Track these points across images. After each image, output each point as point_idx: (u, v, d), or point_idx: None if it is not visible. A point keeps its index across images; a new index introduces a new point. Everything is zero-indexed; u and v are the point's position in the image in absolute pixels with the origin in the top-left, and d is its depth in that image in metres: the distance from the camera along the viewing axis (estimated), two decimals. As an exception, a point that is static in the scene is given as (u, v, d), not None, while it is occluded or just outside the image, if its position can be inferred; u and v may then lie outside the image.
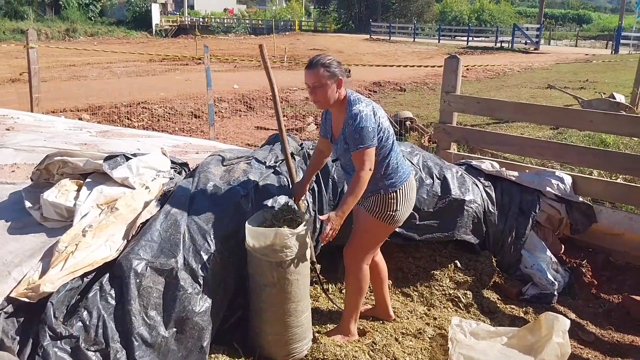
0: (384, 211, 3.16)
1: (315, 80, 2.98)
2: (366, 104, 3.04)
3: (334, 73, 2.98)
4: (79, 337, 2.46)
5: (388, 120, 3.16)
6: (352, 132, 2.96)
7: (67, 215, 2.95)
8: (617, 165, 4.60)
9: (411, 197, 3.26)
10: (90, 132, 5.14)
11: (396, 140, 3.20)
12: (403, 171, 3.19)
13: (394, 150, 3.14)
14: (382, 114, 3.10)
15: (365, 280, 3.34)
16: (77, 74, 18.23)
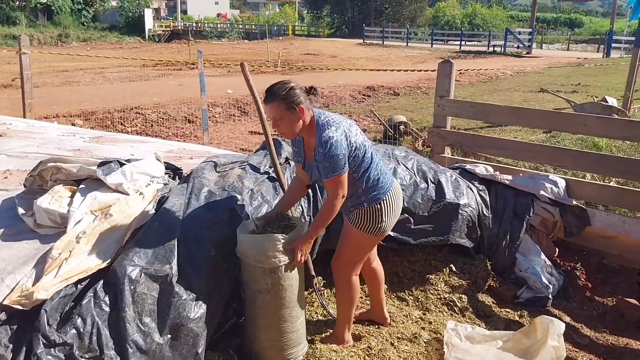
0: (370, 224, 3.06)
1: (276, 114, 2.82)
2: (336, 127, 2.85)
3: (293, 102, 2.80)
4: (73, 344, 2.44)
5: (363, 135, 3.02)
6: (322, 160, 2.81)
7: (60, 222, 2.94)
8: (612, 168, 4.62)
9: (397, 205, 3.14)
10: (84, 137, 5.13)
11: (375, 152, 3.07)
12: (385, 181, 3.06)
13: (374, 163, 3.02)
14: (355, 131, 2.94)
15: (356, 290, 3.28)
16: (70, 79, 18.18)
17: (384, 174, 3.08)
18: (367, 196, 3.02)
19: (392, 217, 3.13)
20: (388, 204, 3.07)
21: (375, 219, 3.05)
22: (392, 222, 3.16)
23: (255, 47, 37.08)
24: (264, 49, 30.79)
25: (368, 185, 3.00)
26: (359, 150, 2.92)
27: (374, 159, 3.02)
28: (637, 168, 4.43)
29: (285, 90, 2.81)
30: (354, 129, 2.97)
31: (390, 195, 3.08)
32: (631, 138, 5.04)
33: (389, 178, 3.12)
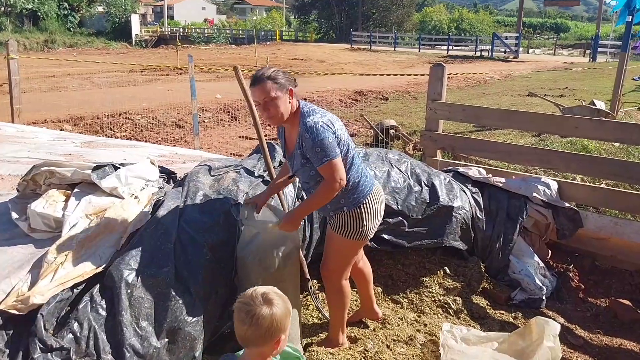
0: (351, 229, 2.98)
1: (265, 95, 2.71)
2: (321, 114, 2.81)
3: (283, 84, 2.74)
4: (69, 349, 2.42)
5: (347, 133, 2.95)
6: (311, 147, 2.72)
7: (55, 226, 2.92)
8: (603, 170, 4.66)
9: (379, 208, 3.07)
10: (75, 142, 5.09)
11: (356, 154, 2.99)
12: (365, 184, 2.97)
13: (355, 165, 2.93)
14: (340, 126, 2.86)
15: (346, 295, 3.24)
16: (58, 84, 18.04)
17: (364, 176, 3.00)
18: (347, 199, 2.93)
19: (374, 220, 3.05)
20: (369, 207, 2.98)
21: (357, 224, 2.97)
22: (375, 225, 3.08)
23: (242, 52, 37.06)
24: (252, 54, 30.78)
25: (348, 187, 2.89)
26: (342, 146, 2.82)
27: (354, 161, 2.94)
28: (627, 170, 4.47)
29: (274, 72, 2.76)
30: (339, 124, 2.89)
31: (371, 198, 2.99)
32: (623, 140, 5.09)
33: (370, 181, 3.03)
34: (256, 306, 1.90)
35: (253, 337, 1.90)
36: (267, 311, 1.89)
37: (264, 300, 1.92)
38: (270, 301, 1.93)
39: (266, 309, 1.90)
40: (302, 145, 2.79)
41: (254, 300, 1.92)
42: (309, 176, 2.89)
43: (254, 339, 1.91)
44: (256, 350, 1.96)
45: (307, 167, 2.84)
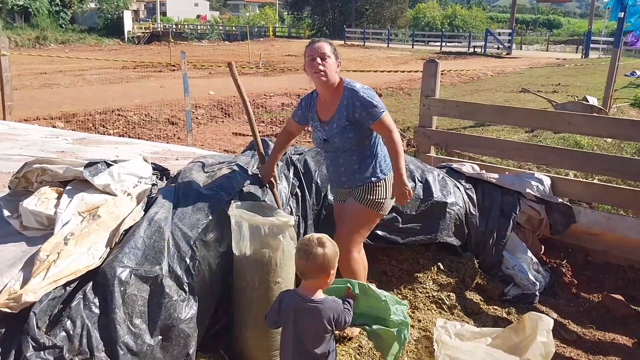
0: (373, 199, 3.20)
1: (326, 51, 3.16)
2: (360, 84, 3.22)
3: (337, 54, 3.22)
4: (62, 347, 2.40)
5: None
6: (364, 106, 3.11)
7: (47, 224, 2.89)
8: (596, 166, 4.68)
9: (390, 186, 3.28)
10: (67, 139, 5.06)
11: None
12: (389, 161, 3.22)
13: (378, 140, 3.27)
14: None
15: (359, 264, 3.35)
16: (49, 81, 17.95)
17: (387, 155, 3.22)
18: (375, 169, 3.21)
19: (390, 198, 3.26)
20: (390, 183, 3.21)
21: (378, 194, 3.19)
22: (390, 203, 3.30)
23: (236, 49, 36.97)
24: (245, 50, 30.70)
25: (378, 153, 3.21)
26: None
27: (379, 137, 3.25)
28: (620, 165, 4.49)
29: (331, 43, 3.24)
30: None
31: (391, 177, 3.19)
32: (616, 136, 5.10)
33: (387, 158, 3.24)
34: (312, 247, 2.42)
35: (310, 271, 2.44)
36: (320, 251, 2.40)
37: (319, 243, 2.43)
38: (324, 244, 2.43)
39: (320, 249, 2.41)
40: (348, 109, 3.16)
41: (311, 243, 2.44)
42: (347, 139, 3.19)
43: (310, 272, 2.44)
44: (312, 282, 2.47)
45: (348, 130, 3.18)
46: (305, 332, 2.44)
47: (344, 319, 2.49)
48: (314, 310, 2.43)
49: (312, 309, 2.43)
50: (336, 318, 2.45)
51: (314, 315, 2.43)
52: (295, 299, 2.48)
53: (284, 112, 13.09)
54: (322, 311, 2.43)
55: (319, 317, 2.42)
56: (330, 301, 2.48)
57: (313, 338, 2.44)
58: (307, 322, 2.44)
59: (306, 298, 2.46)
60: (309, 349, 2.44)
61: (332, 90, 3.24)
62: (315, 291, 2.47)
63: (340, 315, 2.48)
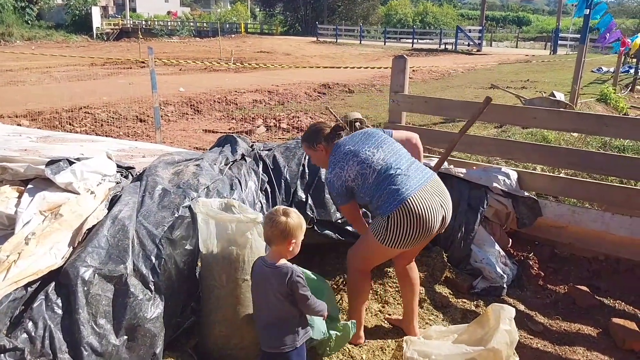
0: (378, 231, 3.11)
1: (306, 153, 3.57)
2: (332, 168, 3.24)
3: (311, 145, 3.37)
4: (24, 349, 2.36)
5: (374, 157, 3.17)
6: None
7: (7, 223, 2.83)
8: (562, 160, 4.74)
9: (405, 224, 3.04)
10: (31, 137, 4.95)
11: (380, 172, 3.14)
12: (394, 198, 3.05)
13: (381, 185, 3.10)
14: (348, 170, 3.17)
15: (360, 285, 3.38)
16: (15, 79, 17.55)
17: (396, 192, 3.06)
18: (378, 210, 3.14)
19: (401, 234, 3.07)
20: (395, 220, 3.04)
21: (381, 229, 3.11)
22: (402, 239, 3.08)
23: (207, 45, 36.66)
24: (216, 47, 30.46)
25: (378, 203, 3.13)
26: (354, 182, 3.18)
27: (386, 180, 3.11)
28: (586, 159, 4.56)
29: (307, 133, 3.46)
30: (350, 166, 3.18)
31: (399, 213, 3.03)
32: (581, 130, 5.18)
33: (397, 196, 3.05)
34: (277, 215, 2.64)
35: (272, 237, 2.64)
36: (283, 219, 2.62)
37: (283, 212, 2.66)
38: (288, 214, 2.66)
39: (283, 217, 2.62)
40: None
41: (277, 212, 2.67)
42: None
43: (272, 238, 2.64)
44: (275, 248, 2.67)
45: None
46: (269, 296, 2.66)
47: (300, 287, 2.62)
48: (272, 273, 2.64)
49: (270, 272, 2.65)
50: (292, 282, 2.60)
51: (272, 278, 2.64)
52: (261, 264, 2.71)
53: (255, 109, 13.03)
54: (279, 274, 2.62)
55: (276, 279, 2.62)
56: (287, 266, 2.65)
57: (276, 301, 2.64)
58: (267, 284, 2.66)
59: (267, 262, 2.68)
60: (275, 311, 2.66)
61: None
62: (278, 258, 2.67)
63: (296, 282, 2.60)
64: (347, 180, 3.18)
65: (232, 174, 3.67)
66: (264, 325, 2.73)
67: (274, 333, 2.68)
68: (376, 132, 3.38)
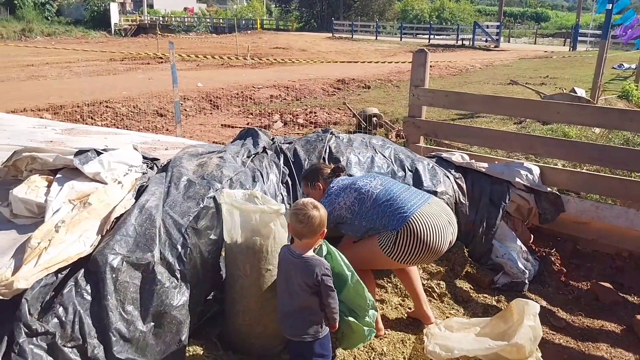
0: (387, 244, 3.15)
1: (305, 192, 3.56)
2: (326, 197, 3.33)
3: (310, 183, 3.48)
4: (55, 333, 2.40)
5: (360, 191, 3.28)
6: None
7: (37, 212, 2.88)
8: (584, 156, 4.70)
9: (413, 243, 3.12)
10: (55, 129, 5.03)
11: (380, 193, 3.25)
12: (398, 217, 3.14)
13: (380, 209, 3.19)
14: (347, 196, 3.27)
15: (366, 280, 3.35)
16: (36, 73, 17.78)
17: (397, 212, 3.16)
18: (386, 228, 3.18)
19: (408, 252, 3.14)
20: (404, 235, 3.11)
21: (390, 243, 3.15)
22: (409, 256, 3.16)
23: (223, 41, 36.79)
24: (233, 43, 30.56)
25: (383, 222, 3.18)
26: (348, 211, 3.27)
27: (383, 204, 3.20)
28: (608, 155, 4.52)
29: (306, 173, 3.59)
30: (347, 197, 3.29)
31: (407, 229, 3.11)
32: (604, 125, 5.13)
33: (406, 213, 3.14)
34: (309, 209, 2.62)
35: (306, 232, 2.64)
36: (316, 213, 2.62)
37: (313, 206, 2.65)
38: (317, 207, 2.65)
39: (316, 211, 2.62)
40: None
41: (307, 206, 2.65)
42: None
43: (306, 233, 2.64)
44: (306, 241, 2.67)
45: None
46: (294, 285, 2.67)
47: (327, 280, 2.64)
48: (301, 265, 2.65)
49: (299, 263, 2.66)
50: (321, 274, 2.62)
51: (300, 270, 2.65)
52: (287, 254, 2.72)
53: (272, 104, 13.08)
54: (309, 266, 2.63)
55: (305, 272, 2.63)
56: (317, 259, 2.67)
57: (300, 291, 2.65)
58: (296, 275, 2.66)
59: (295, 253, 2.69)
60: (297, 300, 2.67)
61: None
62: (306, 249, 2.69)
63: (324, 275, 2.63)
64: (340, 208, 3.27)
65: (254, 166, 3.69)
66: (287, 312, 2.75)
67: (297, 322, 2.70)
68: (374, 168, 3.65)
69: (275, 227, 2.95)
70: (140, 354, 2.61)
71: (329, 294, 2.66)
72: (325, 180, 3.46)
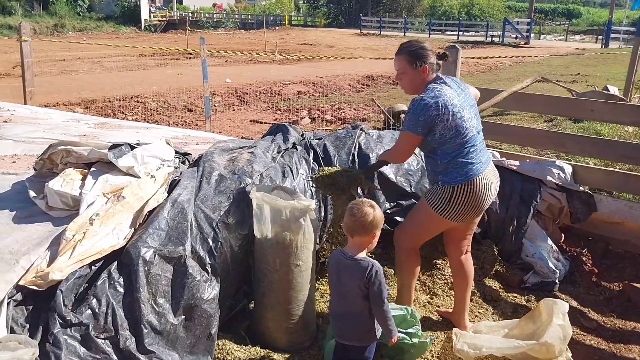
0: (436, 201, 3.08)
1: (400, 67, 3.11)
2: (435, 95, 2.94)
3: (418, 59, 3.04)
4: (88, 324, 2.46)
5: (471, 123, 3.03)
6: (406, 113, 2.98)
7: (72, 204, 2.93)
8: (617, 154, 4.62)
9: (471, 198, 3.04)
10: (89, 124, 5.11)
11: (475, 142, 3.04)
12: (465, 171, 3.01)
13: (461, 151, 3.00)
14: (457, 112, 2.95)
15: (409, 262, 3.35)
16: (68, 68, 18.10)
17: (468, 165, 3.02)
18: (441, 176, 3.06)
19: (461, 208, 3.07)
20: (460, 192, 3.02)
21: (443, 199, 3.06)
22: (460, 213, 3.09)
23: (252, 37, 36.96)
24: (261, 39, 30.70)
25: (448, 168, 3.02)
26: (447, 130, 2.95)
27: (464, 148, 3.00)
28: (642, 153, 4.44)
29: (414, 48, 3.07)
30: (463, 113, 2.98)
31: (466, 187, 3.01)
32: (638, 123, 5.03)
33: (470, 171, 3.02)
34: (364, 206, 2.61)
35: (357, 227, 2.60)
36: (370, 210, 2.59)
37: (370, 204, 2.63)
38: (374, 206, 2.63)
39: (370, 209, 2.60)
40: None
41: (363, 203, 2.64)
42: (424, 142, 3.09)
43: (357, 228, 2.60)
44: (357, 240, 2.62)
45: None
46: (344, 286, 2.63)
47: (379, 284, 2.56)
48: (352, 266, 2.60)
49: (350, 264, 2.61)
50: (371, 277, 2.55)
51: (352, 271, 2.60)
52: (339, 255, 2.68)
53: (299, 100, 13.10)
54: (359, 268, 2.58)
55: (355, 273, 2.58)
56: (369, 260, 2.61)
57: (350, 293, 2.60)
58: (346, 276, 2.63)
59: (347, 254, 2.64)
60: (348, 303, 2.63)
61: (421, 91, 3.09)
62: (358, 250, 2.64)
63: (375, 278, 2.55)
64: (441, 120, 2.92)
65: (284, 161, 3.70)
66: (337, 315, 2.72)
67: (347, 325, 2.66)
68: (468, 91, 3.20)
69: (305, 223, 2.96)
70: (170, 347, 2.65)
71: (377, 302, 2.58)
72: (431, 66, 3.08)
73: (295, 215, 2.94)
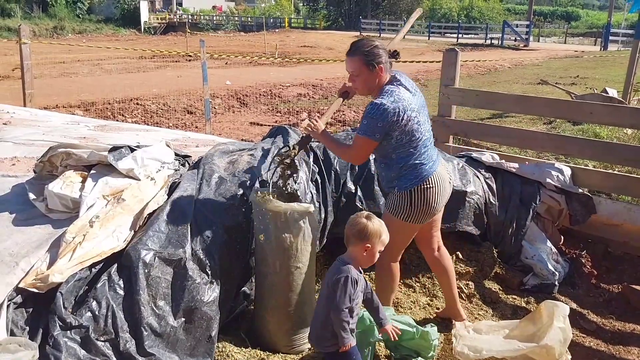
0: (398, 209, 3.08)
1: (355, 69, 2.99)
2: (395, 99, 2.88)
3: (374, 60, 2.95)
4: (88, 327, 2.46)
5: (425, 125, 3.03)
6: (363, 117, 2.94)
7: (72, 207, 2.94)
8: (617, 157, 4.62)
9: (427, 200, 3.06)
10: (88, 126, 5.12)
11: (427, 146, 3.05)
12: (418, 173, 3.02)
13: (414, 154, 3.00)
14: (414, 117, 2.93)
15: (391, 277, 3.31)
16: (68, 70, 18.10)
17: (421, 167, 3.03)
18: (397, 182, 3.06)
19: (423, 209, 3.08)
20: (417, 195, 3.04)
21: (404, 206, 3.06)
22: (424, 214, 3.11)
23: (251, 39, 36.96)
24: (261, 41, 30.71)
25: (401, 173, 3.03)
26: (404, 135, 2.93)
27: (418, 152, 3.01)
28: (641, 156, 4.44)
29: (369, 47, 2.97)
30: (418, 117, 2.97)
31: (422, 187, 3.03)
32: (637, 126, 5.03)
33: (423, 171, 3.04)
34: (359, 217, 2.64)
35: (349, 235, 2.64)
36: (364, 221, 2.61)
37: (366, 216, 2.65)
38: (370, 218, 2.65)
39: (364, 220, 2.62)
40: None
41: (361, 214, 2.68)
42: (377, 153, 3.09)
43: (349, 236, 2.64)
44: (351, 248, 2.65)
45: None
46: (322, 288, 2.73)
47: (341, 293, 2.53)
48: (332, 268, 2.66)
49: (332, 267, 2.67)
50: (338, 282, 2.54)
51: (330, 273, 2.65)
52: (335, 262, 2.69)
53: (300, 103, 13.11)
54: (335, 271, 2.61)
55: (330, 274, 2.64)
56: (347, 269, 2.58)
57: (323, 294, 2.67)
58: (326, 277, 2.68)
59: (339, 258, 2.68)
60: (321, 304, 2.67)
61: (375, 92, 3.05)
62: (349, 259, 2.64)
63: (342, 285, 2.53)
64: (399, 126, 2.89)
65: (284, 164, 3.70)
66: (314, 317, 2.74)
67: (319, 329, 2.67)
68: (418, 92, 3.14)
69: (304, 225, 2.97)
70: (170, 349, 2.65)
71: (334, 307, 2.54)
72: (385, 65, 3.00)
73: (295, 217, 2.95)
